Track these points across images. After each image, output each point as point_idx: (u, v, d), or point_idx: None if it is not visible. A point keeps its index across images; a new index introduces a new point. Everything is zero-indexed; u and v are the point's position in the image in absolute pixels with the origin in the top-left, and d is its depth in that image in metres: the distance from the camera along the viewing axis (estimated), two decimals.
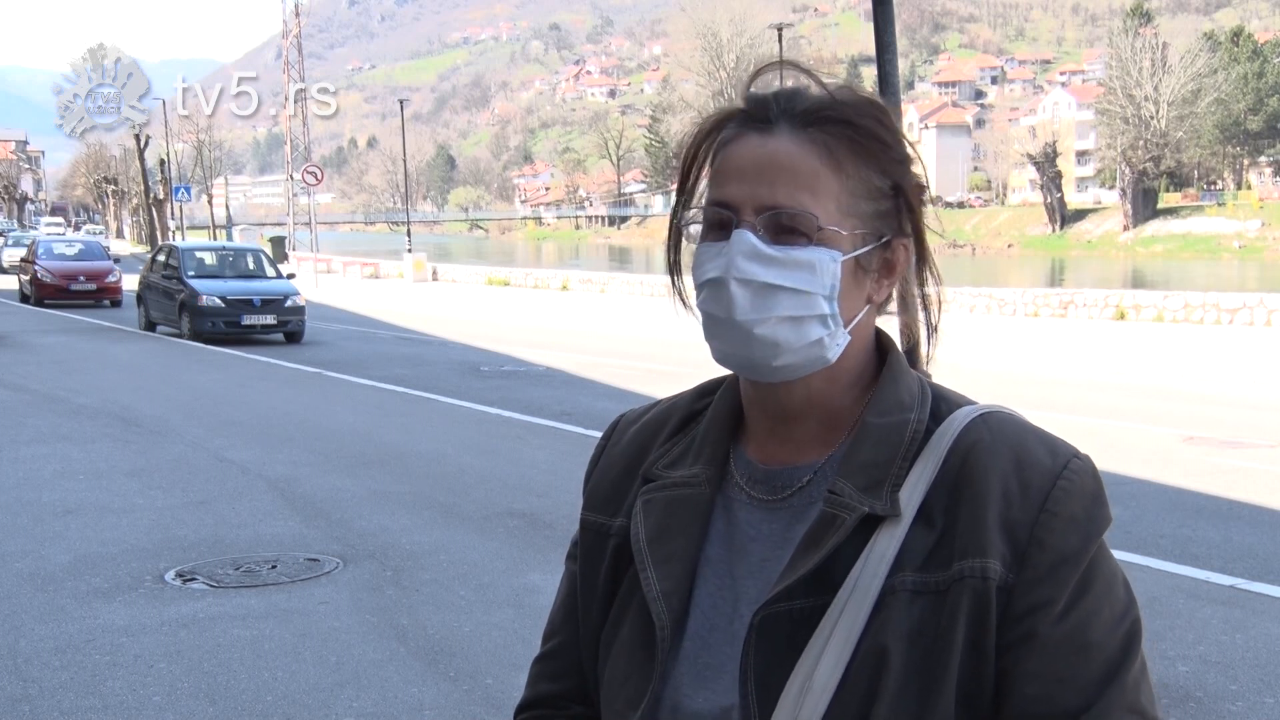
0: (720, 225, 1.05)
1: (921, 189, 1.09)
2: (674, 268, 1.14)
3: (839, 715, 0.99)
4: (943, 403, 1.09)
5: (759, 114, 1.06)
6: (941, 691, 0.99)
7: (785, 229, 1.03)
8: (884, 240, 1.07)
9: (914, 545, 1.02)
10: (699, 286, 1.06)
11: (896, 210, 1.07)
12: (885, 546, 1.02)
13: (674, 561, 1.09)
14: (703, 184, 1.10)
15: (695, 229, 1.09)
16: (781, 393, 1.08)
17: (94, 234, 68.73)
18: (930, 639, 0.99)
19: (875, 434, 1.06)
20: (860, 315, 1.08)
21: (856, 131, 1.05)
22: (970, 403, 1.10)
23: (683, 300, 1.13)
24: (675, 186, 1.12)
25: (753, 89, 1.09)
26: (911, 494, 1.03)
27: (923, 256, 1.11)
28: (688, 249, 1.11)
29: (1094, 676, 1.00)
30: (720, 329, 1.05)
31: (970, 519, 1.01)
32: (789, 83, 1.09)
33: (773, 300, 1.03)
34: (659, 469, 1.15)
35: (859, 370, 1.10)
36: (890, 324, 1.16)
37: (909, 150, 1.08)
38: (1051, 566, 1.00)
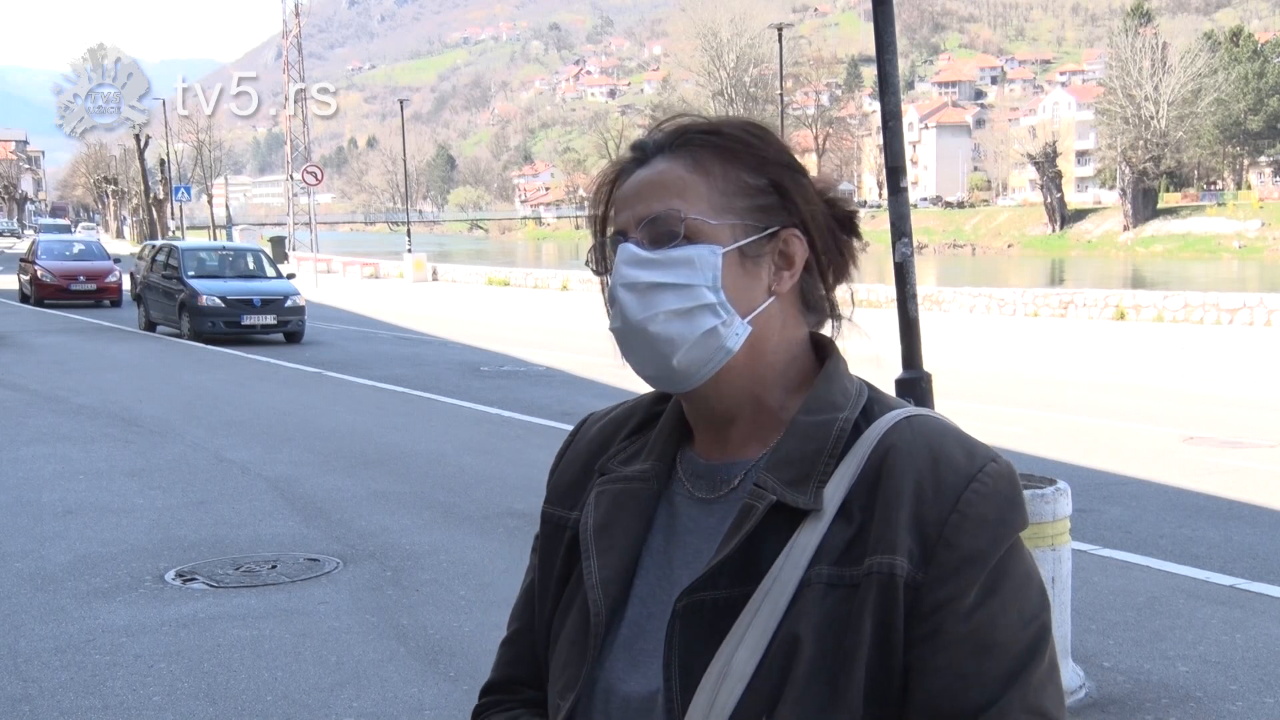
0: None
1: (822, 195, 1.14)
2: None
3: (753, 700, 1.02)
4: (876, 405, 1.12)
5: (640, 153, 1.16)
6: (849, 683, 1.01)
7: (663, 233, 1.09)
8: (770, 231, 1.11)
9: (832, 540, 1.05)
10: (607, 311, 1.14)
11: (782, 205, 1.12)
12: (807, 540, 1.05)
13: (615, 551, 1.14)
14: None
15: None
16: (710, 397, 1.12)
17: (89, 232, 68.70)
18: (840, 631, 1.02)
19: (803, 431, 1.10)
20: (762, 306, 1.11)
21: (722, 138, 1.12)
22: (906, 406, 1.13)
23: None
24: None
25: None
26: (835, 490, 1.06)
27: (816, 251, 1.14)
28: None
29: (997, 675, 1.01)
30: (623, 339, 1.12)
31: (884, 516, 1.04)
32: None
33: (657, 298, 1.09)
34: (613, 464, 1.21)
35: (784, 369, 1.13)
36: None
37: (791, 159, 1.14)
38: (958, 565, 1.02)
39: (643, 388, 1.23)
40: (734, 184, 1.11)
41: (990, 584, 1.03)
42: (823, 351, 1.17)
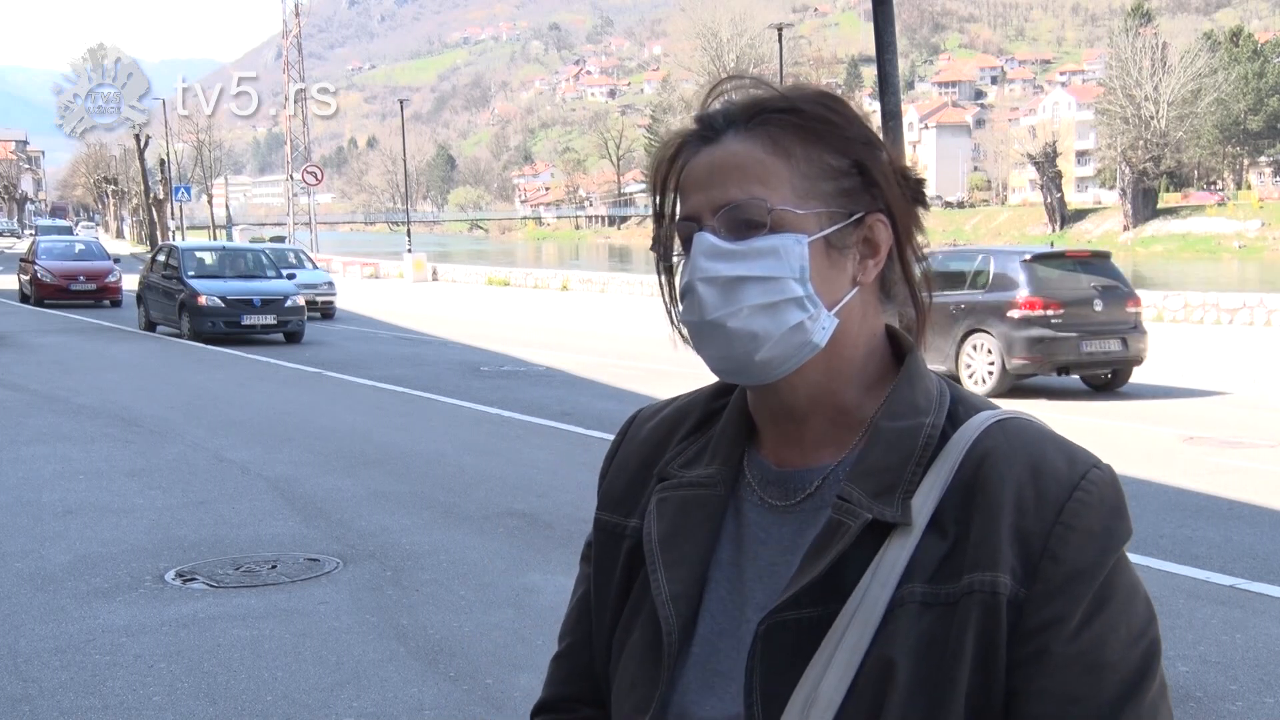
0: (688, 239, 1.06)
1: (896, 169, 1.07)
2: (669, 304, 1.12)
3: None
4: (961, 407, 1.06)
5: (708, 129, 1.07)
6: (949, 708, 0.96)
7: (744, 223, 1.02)
8: (856, 217, 1.05)
9: (925, 555, 0.99)
10: (679, 301, 1.07)
11: (865, 188, 1.05)
12: (896, 556, 0.99)
13: (685, 564, 1.08)
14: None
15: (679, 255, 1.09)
16: (784, 392, 1.06)
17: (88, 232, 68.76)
18: (939, 653, 0.96)
19: (887, 438, 1.03)
20: (847, 297, 1.05)
21: (801, 117, 1.04)
22: (991, 407, 1.06)
23: (681, 333, 1.10)
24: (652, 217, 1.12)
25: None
26: (924, 502, 1.00)
27: (899, 234, 1.07)
28: None
29: (1109, 697, 0.96)
30: (700, 334, 1.05)
31: (982, 530, 0.98)
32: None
33: (740, 292, 1.02)
34: (674, 468, 1.13)
35: (863, 364, 1.07)
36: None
37: (871, 134, 1.07)
38: (1065, 581, 0.97)
39: (644, 388, 1.21)
40: (817, 167, 1.04)
41: (1098, 600, 0.97)
42: (898, 345, 1.10)
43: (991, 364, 12.40)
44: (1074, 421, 10.56)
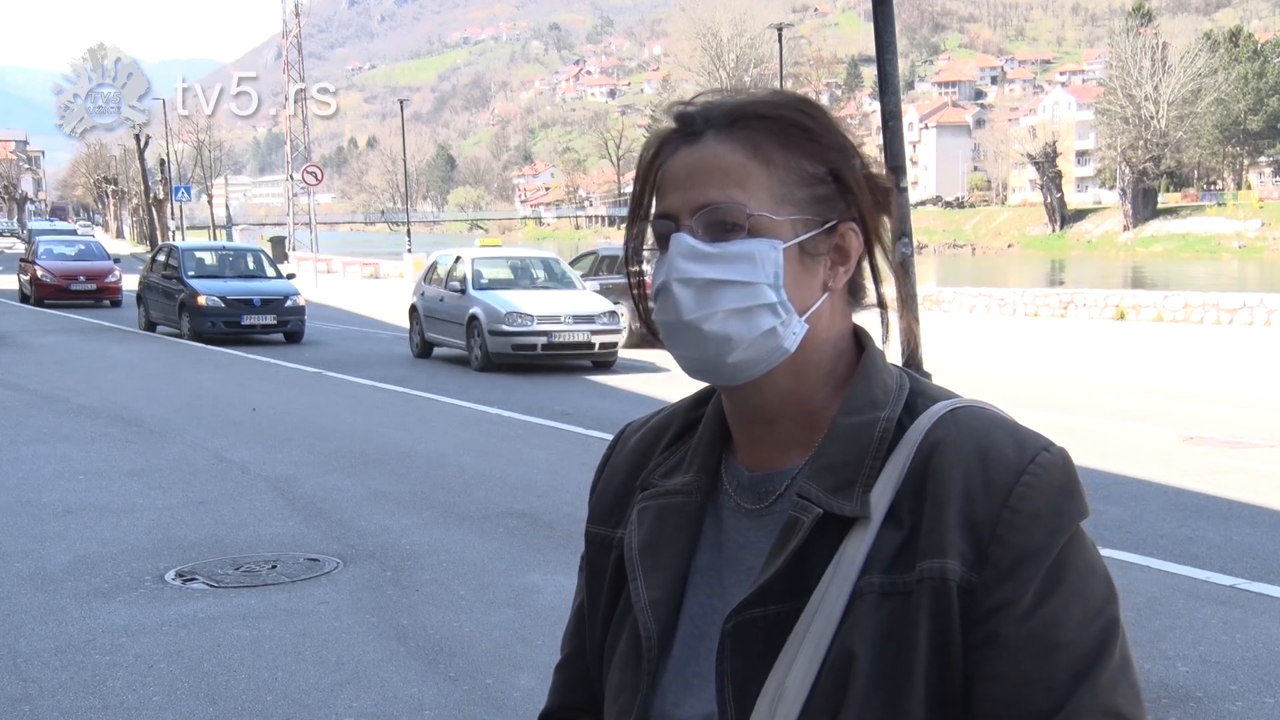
0: (664, 236, 1.07)
1: (871, 177, 1.08)
2: (639, 299, 1.14)
3: None
4: (920, 398, 1.07)
5: (687, 128, 1.08)
6: (908, 696, 0.97)
7: (721, 225, 1.04)
8: (829, 225, 1.06)
9: (882, 547, 1.00)
10: (652, 298, 1.08)
11: (840, 195, 1.06)
12: (856, 549, 1.01)
13: (663, 570, 1.10)
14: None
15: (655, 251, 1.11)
16: (752, 394, 1.08)
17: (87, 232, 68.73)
18: (897, 642, 0.98)
19: (843, 433, 1.05)
20: (817, 303, 1.07)
21: (780, 124, 1.05)
22: (950, 397, 1.07)
23: (649, 328, 1.12)
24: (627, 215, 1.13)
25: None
26: (882, 494, 1.02)
27: (869, 242, 1.09)
28: None
29: (1064, 678, 0.97)
30: (673, 333, 1.06)
31: (933, 518, 0.99)
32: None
33: (716, 295, 1.03)
34: (655, 478, 1.15)
35: (830, 366, 1.08)
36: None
37: (847, 140, 1.08)
38: (1014, 564, 0.97)
39: (643, 389, 1.21)
40: (795, 173, 1.05)
41: (1049, 581, 0.98)
42: (859, 343, 1.11)
43: None
44: (1076, 422, 10.57)
